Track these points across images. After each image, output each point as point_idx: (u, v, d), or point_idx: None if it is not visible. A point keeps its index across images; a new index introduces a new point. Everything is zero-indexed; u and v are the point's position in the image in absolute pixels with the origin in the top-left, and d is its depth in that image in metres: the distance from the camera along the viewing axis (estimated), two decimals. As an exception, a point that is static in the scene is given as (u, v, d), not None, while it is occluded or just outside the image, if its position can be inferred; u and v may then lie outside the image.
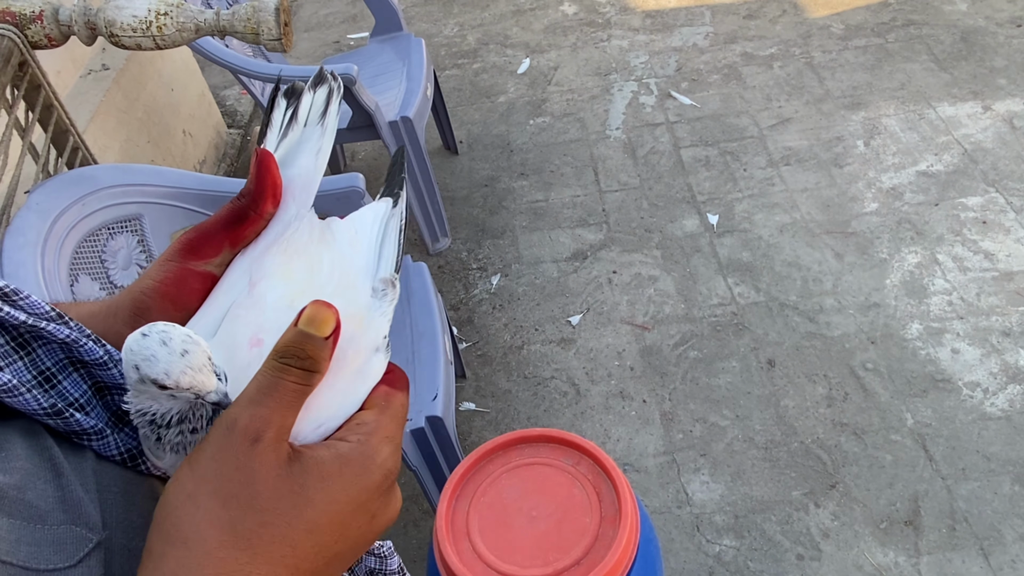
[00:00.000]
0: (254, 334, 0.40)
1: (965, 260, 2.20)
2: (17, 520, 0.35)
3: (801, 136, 2.71)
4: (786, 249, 2.32)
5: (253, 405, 0.35)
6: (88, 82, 2.26)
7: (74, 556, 0.35)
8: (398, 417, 0.40)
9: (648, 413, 1.96)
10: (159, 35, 1.41)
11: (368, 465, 0.36)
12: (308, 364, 0.36)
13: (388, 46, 2.64)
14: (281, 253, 0.44)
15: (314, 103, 0.50)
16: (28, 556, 0.34)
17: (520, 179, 2.73)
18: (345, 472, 0.35)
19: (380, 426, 0.38)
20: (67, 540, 0.36)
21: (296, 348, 0.36)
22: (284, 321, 0.38)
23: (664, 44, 3.27)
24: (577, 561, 1.08)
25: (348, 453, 0.36)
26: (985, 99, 2.71)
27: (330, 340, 0.37)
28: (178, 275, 0.42)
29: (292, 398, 0.36)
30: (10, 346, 0.39)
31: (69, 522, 0.36)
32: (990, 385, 1.89)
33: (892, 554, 1.63)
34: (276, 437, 0.35)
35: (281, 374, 0.36)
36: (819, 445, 1.83)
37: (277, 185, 0.44)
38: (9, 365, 0.38)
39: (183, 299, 0.42)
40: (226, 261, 0.43)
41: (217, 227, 0.43)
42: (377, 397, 0.40)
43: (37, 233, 1.30)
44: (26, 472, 0.36)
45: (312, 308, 0.37)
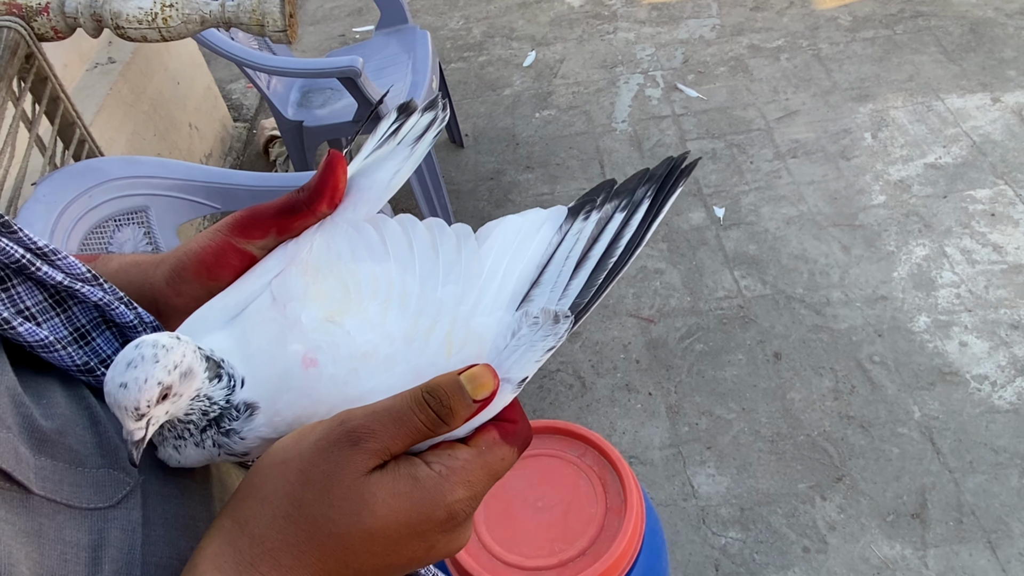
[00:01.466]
0: (305, 354, 0.40)
1: (973, 253, 2.19)
2: (60, 462, 0.37)
3: (808, 128, 2.69)
4: (793, 242, 2.31)
5: (372, 416, 0.36)
6: (94, 75, 2.26)
7: (113, 497, 0.38)
8: (491, 471, 0.38)
9: (654, 406, 1.96)
10: (165, 27, 1.41)
11: (436, 500, 0.36)
12: (443, 413, 0.37)
13: (393, 39, 2.63)
14: (301, 275, 0.43)
15: (416, 125, 0.50)
16: (71, 495, 0.36)
17: (526, 172, 2.73)
18: (413, 497, 0.36)
19: (468, 468, 0.37)
20: (106, 482, 0.38)
21: (443, 394, 0.37)
22: (332, 339, 0.40)
23: (670, 36, 3.25)
24: (583, 552, 1.08)
25: (424, 480, 0.36)
26: (994, 91, 2.69)
27: (476, 405, 0.37)
28: (220, 247, 0.43)
29: (411, 432, 0.36)
30: (48, 303, 0.41)
31: (107, 466, 0.39)
32: (998, 378, 1.89)
33: (899, 547, 1.62)
34: (374, 450, 0.36)
35: (415, 408, 0.36)
36: (825, 438, 1.83)
37: (338, 189, 0.45)
38: (47, 320, 0.41)
39: (217, 270, 0.43)
40: (269, 246, 0.44)
41: (269, 212, 0.44)
42: (483, 439, 0.39)
43: (44, 224, 1.30)
44: (66, 418, 0.39)
45: (481, 369, 0.38)
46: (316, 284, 0.42)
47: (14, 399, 0.36)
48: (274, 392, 0.39)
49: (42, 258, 0.40)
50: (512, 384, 0.39)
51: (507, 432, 0.39)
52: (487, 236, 0.45)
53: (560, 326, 0.40)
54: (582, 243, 0.44)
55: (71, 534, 0.35)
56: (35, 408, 0.37)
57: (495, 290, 0.43)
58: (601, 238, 0.44)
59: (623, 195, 0.45)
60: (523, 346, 0.40)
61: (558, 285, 0.42)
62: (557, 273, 0.43)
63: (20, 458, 0.35)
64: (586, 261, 0.43)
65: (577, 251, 0.43)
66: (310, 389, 0.39)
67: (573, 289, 0.42)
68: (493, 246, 0.44)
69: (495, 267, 0.44)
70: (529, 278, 0.43)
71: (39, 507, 0.35)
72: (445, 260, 0.44)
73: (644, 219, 0.44)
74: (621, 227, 0.44)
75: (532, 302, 0.42)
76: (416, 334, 0.41)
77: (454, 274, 0.43)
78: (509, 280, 0.43)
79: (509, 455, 0.39)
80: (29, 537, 0.33)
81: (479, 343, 0.41)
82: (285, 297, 0.42)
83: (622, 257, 0.43)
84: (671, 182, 0.44)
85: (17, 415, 0.36)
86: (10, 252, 0.38)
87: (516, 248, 0.44)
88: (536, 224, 0.45)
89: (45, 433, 0.37)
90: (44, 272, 0.40)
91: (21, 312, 0.40)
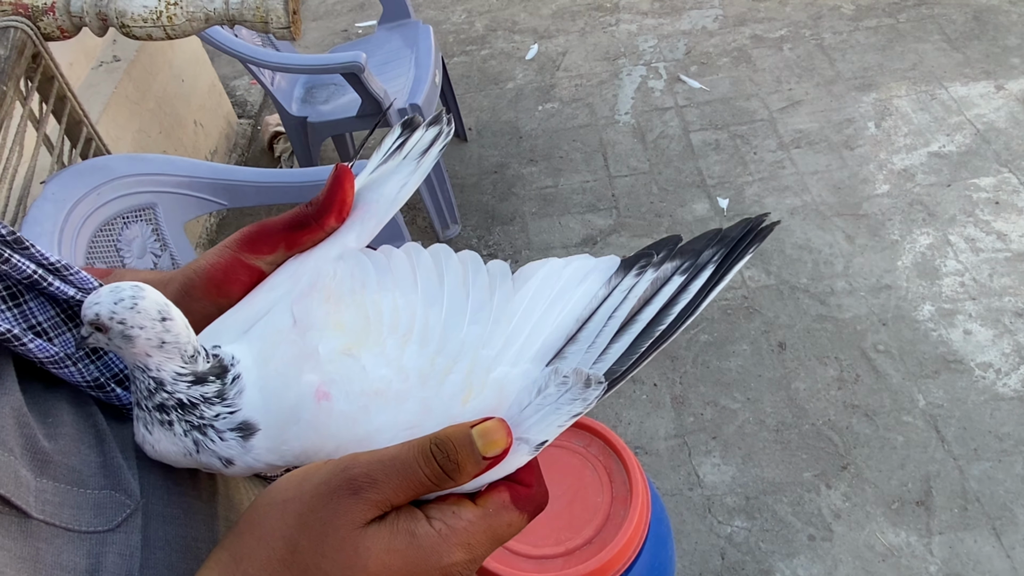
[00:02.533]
0: (319, 386, 0.38)
1: (977, 241, 2.19)
2: (61, 483, 0.37)
3: (811, 118, 2.69)
4: (797, 232, 2.31)
5: (376, 465, 0.35)
6: (100, 73, 2.28)
7: (113, 520, 0.37)
8: (495, 535, 0.36)
9: (659, 396, 1.97)
10: (169, 25, 1.42)
11: (432, 561, 0.34)
12: (449, 468, 0.35)
13: (396, 33, 2.64)
14: (324, 301, 0.42)
15: (421, 140, 0.49)
16: (70, 518, 0.36)
17: (529, 165, 2.74)
18: (408, 555, 0.34)
19: (470, 531, 0.35)
20: (107, 504, 0.38)
21: (451, 447, 0.35)
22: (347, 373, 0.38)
23: (673, 27, 3.25)
24: (589, 540, 1.09)
25: (422, 537, 0.35)
26: (998, 78, 2.69)
27: (486, 462, 0.35)
28: (229, 263, 0.43)
29: (414, 485, 0.35)
30: (60, 318, 0.41)
31: (109, 487, 0.38)
32: (1003, 366, 1.89)
33: (904, 534, 1.63)
34: (374, 501, 0.34)
35: (421, 459, 0.35)
36: (830, 427, 1.84)
37: (345, 203, 0.44)
38: (59, 336, 0.41)
39: (227, 286, 0.43)
40: (278, 261, 0.44)
41: (278, 227, 0.44)
42: (492, 500, 0.36)
43: (53, 223, 1.32)
44: (71, 437, 0.39)
45: (495, 424, 0.36)
46: (337, 313, 0.41)
47: (18, 420, 0.36)
48: (284, 420, 0.38)
49: (54, 273, 0.40)
50: (529, 446, 0.37)
51: (519, 496, 0.37)
52: (527, 279, 0.42)
53: (590, 392, 0.37)
54: (631, 303, 0.40)
55: (68, 558, 0.35)
56: (40, 428, 0.37)
57: (524, 339, 0.39)
58: (654, 301, 0.40)
59: (687, 256, 0.41)
60: (547, 407, 0.37)
61: (596, 345, 0.39)
62: (597, 331, 0.39)
63: (20, 482, 0.34)
64: (632, 325, 0.39)
65: (624, 311, 0.39)
66: (320, 424, 0.38)
67: (612, 353, 0.38)
68: (530, 290, 0.41)
69: (528, 314, 0.40)
70: (566, 332, 0.39)
71: (37, 531, 0.34)
72: (475, 298, 0.42)
73: (704, 286, 0.39)
74: (678, 292, 0.39)
75: (565, 359, 0.38)
76: (432, 372, 0.39)
77: (483, 314, 0.41)
78: (542, 331, 0.40)
79: (517, 521, 0.36)
80: (25, 563, 0.33)
81: (498, 394, 0.38)
82: (306, 323, 0.41)
83: (672, 325, 0.39)
84: (743, 245, 0.40)
85: (20, 436, 0.36)
86: (22, 268, 0.38)
87: (556, 296, 0.41)
88: (582, 272, 0.42)
89: (48, 454, 0.37)
90: (56, 287, 0.40)
91: (33, 327, 0.40)
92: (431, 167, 0.49)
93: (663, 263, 0.41)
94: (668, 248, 0.42)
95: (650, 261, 0.41)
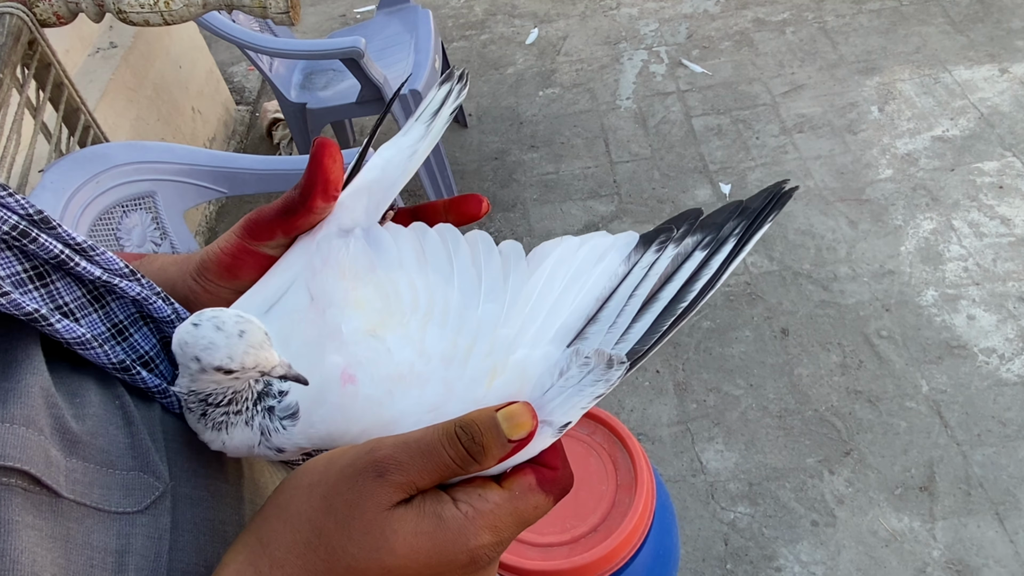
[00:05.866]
0: (345, 368, 0.38)
1: (981, 225, 2.18)
2: (91, 464, 0.37)
3: (814, 103, 2.67)
4: (800, 217, 2.30)
5: (402, 448, 0.35)
6: (96, 60, 2.26)
7: (142, 502, 0.38)
8: (521, 518, 0.36)
9: (662, 383, 1.97)
10: (166, 10, 1.40)
11: (460, 543, 0.34)
12: (475, 451, 0.35)
13: (395, 18, 2.61)
14: (340, 278, 0.41)
15: (433, 99, 0.47)
16: (100, 498, 0.36)
17: (530, 151, 2.72)
18: (436, 538, 0.34)
19: (496, 513, 0.35)
20: (136, 486, 0.38)
21: (476, 430, 0.35)
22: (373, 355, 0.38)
23: (674, 11, 3.22)
24: (594, 528, 1.09)
25: (448, 521, 0.34)
26: (1002, 62, 2.67)
27: (511, 445, 0.35)
28: (235, 249, 0.43)
29: (440, 467, 0.35)
30: (86, 299, 0.41)
31: (138, 468, 0.38)
32: (1006, 351, 1.89)
33: (907, 519, 1.63)
34: (399, 483, 0.34)
35: (446, 442, 0.35)
36: (833, 413, 1.84)
37: (329, 181, 0.43)
38: (85, 316, 0.41)
39: (236, 271, 0.44)
40: (283, 244, 0.44)
41: (271, 214, 0.43)
42: (518, 483, 0.36)
43: (53, 211, 1.30)
44: (99, 418, 0.39)
45: (521, 407, 0.36)
46: (355, 291, 0.40)
47: (47, 400, 0.36)
48: (311, 403, 0.38)
49: (80, 253, 0.40)
50: (553, 428, 0.37)
51: (545, 479, 0.37)
52: (542, 258, 0.41)
53: (613, 372, 0.36)
54: (652, 280, 0.39)
55: (98, 538, 0.35)
56: (68, 408, 0.37)
57: (543, 320, 0.39)
58: (675, 277, 0.39)
59: (708, 230, 0.40)
60: (570, 389, 0.37)
61: (617, 325, 0.38)
62: (618, 311, 0.38)
63: (51, 461, 0.34)
64: (654, 303, 0.38)
65: (645, 289, 0.39)
66: (346, 407, 0.38)
67: (634, 333, 0.38)
68: (546, 270, 0.40)
69: (546, 294, 0.40)
70: (586, 312, 0.39)
71: (68, 511, 0.35)
72: (488, 278, 0.41)
73: (726, 259, 0.39)
74: (699, 267, 0.39)
75: (586, 340, 0.38)
76: (455, 355, 0.38)
77: (497, 294, 0.40)
78: (561, 311, 0.39)
79: (543, 503, 0.36)
80: (56, 542, 0.33)
81: (520, 377, 0.37)
82: (325, 301, 0.40)
83: (694, 301, 0.38)
84: (764, 215, 0.40)
85: (50, 416, 0.36)
86: (49, 248, 0.38)
87: (574, 276, 0.40)
88: (600, 250, 0.41)
89: (77, 435, 0.37)
90: (83, 268, 0.40)
91: (60, 308, 0.40)
92: (443, 130, 0.47)
93: (684, 238, 0.40)
94: (689, 222, 0.41)
95: (670, 236, 0.41)
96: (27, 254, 0.39)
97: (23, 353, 0.37)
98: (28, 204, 0.38)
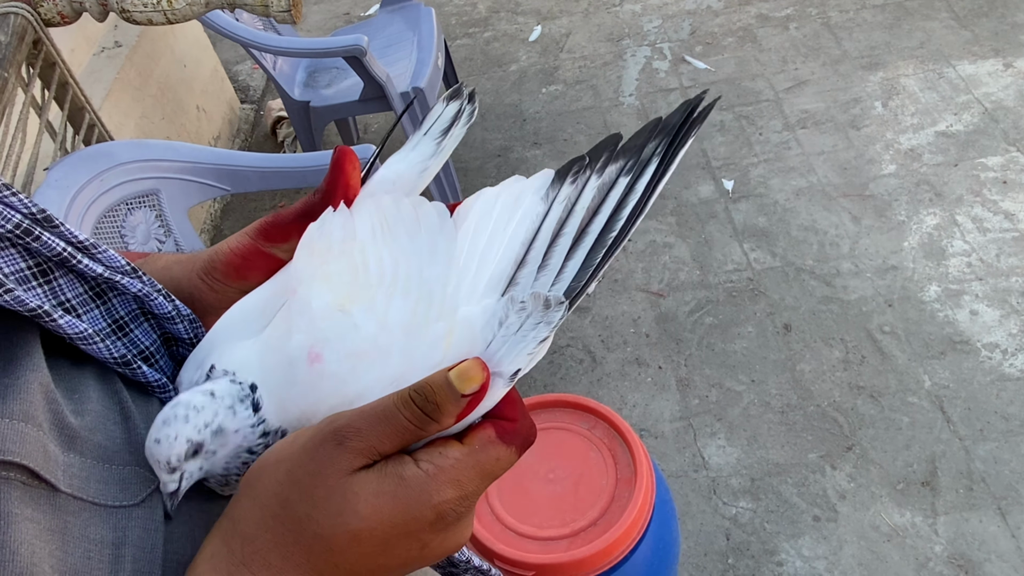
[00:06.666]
0: (311, 347, 0.39)
1: (985, 221, 2.17)
2: (88, 459, 0.38)
3: (818, 98, 2.67)
4: (802, 213, 2.30)
5: (359, 415, 0.35)
6: (102, 59, 2.27)
7: (138, 495, 0.39)
8: (484, 471, 0.36)
9: (664, 379, 1.97)
10: (170, 9, 1.41)
11: (423, 500, 0.35)
12: (430, 410, 0.35)
13: (398, 16, 2.62)
14: (308, 255, 0.42)
15: (442, 116, 0.47)
16: (97, 492, 0.37)
17: (533, 148, 2.72)
18: (398, 497, 0.34)
19: (458, 468, 0.35)
20: (132, 480, 0.39)
21: (429, 390, 0.35)
22: (339, 331, 0.39)
23: (677, 7, 3.22)
24: (594, 522, 1.09)
25: (410, 479, 0.35)
26: (1006, 56, 2.66)
27: (465, 400, 0.35)
28: (247, 250, 0.44)
29: (398, 430, 0.35)
30: (88, 295, 0.42)
31: (135, 463, 0.39)
32: (1009, 346, 1.88)
33: (909, 514, 1.64)
34: (359, 449, 0.35)
35: (402, 407, 0.35)
36: (835, 408, 1.84)
37: (350, 186, 0.44)
38: (87, 312, 0.42)
39: (244, 272, 0.44)
40: (295, 248, 0.44)
41: (290, 217, 0.44)
42: (477, 437, 0.37)
43: (57, 210, 1.32)
44: (97, 414, 0.40)
45: (469, 363, 0.36)
46: (325, 264, 0.41)
47: (46, 395, 0.37)
48: (282, 385, 0.39)
49: (83, 251, 0.41)
50: (504, 378, 0.37)
51: (504, 431, 0.37)
52: (465, 215, 0.41)
53: (553, 313, 0.36)
54: (579, 216, 0.39)
55: (95, 531, 0.36)
56: (67, 404, 0.38)
57: (474, 273, 0.39)
58: (601, 209, 0.39)
59: (629, 154, 0.40)
60: (513, 336, 0.37)
61: (551, 266, 0.38)
62: (543, 250, 0.38)
63: (49, 456, 0.35)
64: (584, 237, 0.38)
65: (573, 225, 0.39)
66: (315, 386, 0.38)
67: (569, 271, 0.38)
68: (472, 225, 0.40)
69: (473, 248, 0.40)
70: (513, 257, 0.39)
71: (65, 505, 0.35)
72: (429, 240, 0.41)
73: (651, 181, 0.39)
74: (624, 194, 0.39)
75: (518, 285, 0.38)
76: (413, 323, 0.39)
77: (438, 256, 0.40)
78: (490, 261, 0.39)
79: (505, 455, 0.37)
80: (54, 535, 0.34)
81: (470, 334, 0.37)
82: (296, 279, 0.41)
83: (623, 229, 0.38)
84: (684, 131, 0.39)
85: (48, 412, 0.37)
86: (52, 245, 0.39)
87: (495, 224, 0.40)
88: (516, 193, 0.41)
89: (75, 430, 0.38)
90: (85, 265, 0.41)
91: (62, 304, 0.41)
92: (452, 149, 0.47)
93: (606, 167, 0.40)
94: (609, 150, 0.41)
95: (583, 165, 0.40)
96: (30, 251, 0.40)
97: (23, 350, 0.38)
98: (31, 203, 0.39)
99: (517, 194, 0.41)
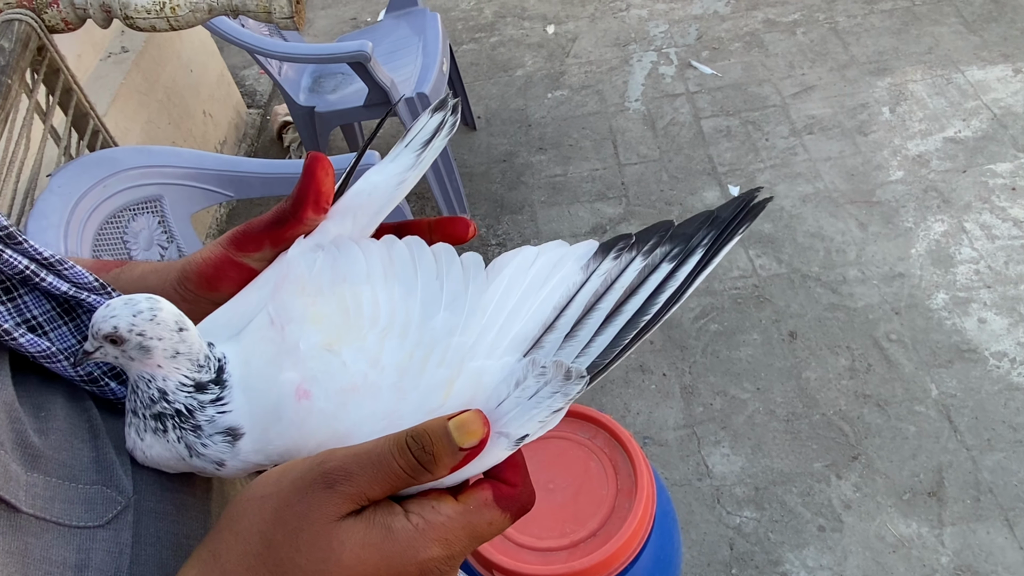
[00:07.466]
0: (299, 384, 0.38)
1: (993, 228, 2.15)
2: (52, 478, 0.37)
3: (825, 104, 2.65)
4: (809, 220, 2.29)
5: (352, 459, 0.34)
6: (108, 65, 2.28)
7: (103, 516, 0.38)
8: (475, 533, 0.35)
9: (668, 386, 1.96)
10: (173, 16, 1.41)
11: (408, 555, 0.34)
12: (425, 460, 0.34)
13: (403, 21, 2.62)
14: (299, 294, 0.41)
15: (425, 127, 0.47)
16: (61, 512, 0.36)
17: (538, 153, 2.72)
18: (384, 549, 0.34)
19: (448, 526, 0.34)
20: (98, 499, 0.38)
21: (427, 439, 0.34)
22: (328, 369, 0.38)
23: (684, 12, 3.21)
24: (594, 532, 1.09)
25: (398, 531, 0.34)
26: (1016, 62, 2.64)
27: (463, 454, 0.34)
28: (219, 260, 0.43)
29: (390, 477, 0.34)
30: (56, 311, 0.41)
31: (101, 483, 0.39)
32: (1018, 355, 1.86)
33: (915, 525, 1.62)
34: (349, 494, 0.34)
35: (396, 452, 0.34)
36: (841, 417, 1.82)
37: (321, 193, 0.43)
38: (55, 329, 0.41)
39: (217, 282, 0.43)
40: (267, 257, 0.44)
41: (261, 225, 0.43)
42: (474, 497, 0.36)
43: (60, 216, 1.32)
44: (63, 432, 0.39)
45: (470, 415, 0.35)
46: (315, 306, 0.40)
47: (10, 414, 0.36)
48: (267, 420, 0.38)
49: (48, 268, 0.40)
50: (509, 440, 0.36)
51: (502, 495, 0.36)
52: (500, 269, 0.41)
53: (572, 385, 0.35)
54: (617, 293, 0.38)
55: (57, 553, 0.35)
56: (32, 422, 0.37)
57: (499, 329, 0.38)
58: (640, 290, 0.38)
59: (677, 240, 0.39)
60: (526, 400, 0.36)
61: (578, 337, 0.37)
62: (575, 318, 0.38)
63: (10, 476, 0.34)
64: (617, 315, 0.38)
65: (609, 302, 0.38)
66: (302, 422, 0.38)
67: (596, 346, 0.37)
68: (504, 280, 0.40)
69: (503, 304, 0.39)
70: (543, 321, 0.38)
71: (27, 526, 0.34)
72: (449, 290, 0.40)
73: (692, 271, 0.38)
74: (665, 279, 0.38)
75: (543, 349, 0.37)
76: (410, 364, 0.38)
77: (457, 305, 0.39)
78: (518, 320, 0.38)
79: (499, 520, 0.35)
80: (12, 556, 0.33)
81: (475, 386, 0.37)
82: (284, 319, 0.40)
83: (658, 314, 0.37)
84: (735, 225, 0.39)
85: (11, 431, 0.36)
86: (14, 263, 0.39)
87: (530, 284, 0.39)
88: (556, 258, 0.40)
89: (39, 449, 0.37)
90: (49, 283, 0.40)
91: (28, 322, 0.40)
92: (432, 161, 0.47)
93: (654, 250, 0.40)
94: (659, 234, 0.40)
95: (629, 244, 0.40)
96: None
97: None
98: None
99: (557, 259, 0.40)
